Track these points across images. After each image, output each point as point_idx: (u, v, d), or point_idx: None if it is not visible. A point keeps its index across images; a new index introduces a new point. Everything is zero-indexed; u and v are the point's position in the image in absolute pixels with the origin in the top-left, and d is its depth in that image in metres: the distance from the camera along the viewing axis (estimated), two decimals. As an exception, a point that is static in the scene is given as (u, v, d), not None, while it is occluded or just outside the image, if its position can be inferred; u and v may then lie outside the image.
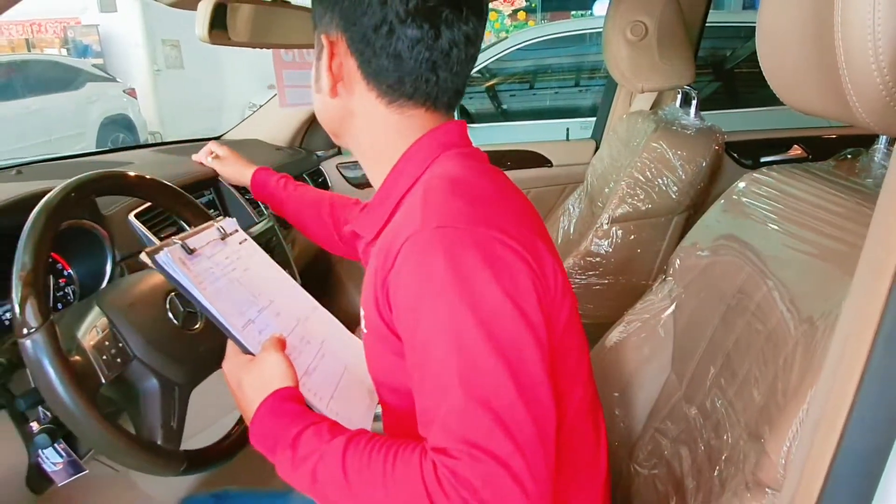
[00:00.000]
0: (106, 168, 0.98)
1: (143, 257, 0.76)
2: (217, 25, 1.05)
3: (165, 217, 1.22)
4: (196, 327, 0.94)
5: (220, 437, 0.94)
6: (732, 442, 0.77)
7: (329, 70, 0.72)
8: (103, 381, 0.81)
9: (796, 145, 2.17)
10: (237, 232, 0.94)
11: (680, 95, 1.83)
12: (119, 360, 0.84)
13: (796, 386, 0.66)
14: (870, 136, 0.76)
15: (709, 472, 0.80)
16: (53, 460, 0.88)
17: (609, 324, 1.14)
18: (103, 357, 0.82)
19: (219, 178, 1.38)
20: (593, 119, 2.41)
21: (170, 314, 0.92)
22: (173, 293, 0.94)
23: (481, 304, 0.58)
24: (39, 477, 0.91)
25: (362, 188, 2.12)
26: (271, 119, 2.04)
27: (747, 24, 3.82)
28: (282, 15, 1.17)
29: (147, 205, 1.19)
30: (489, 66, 4.16)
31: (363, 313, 0.72)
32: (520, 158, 2.22)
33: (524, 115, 4.48)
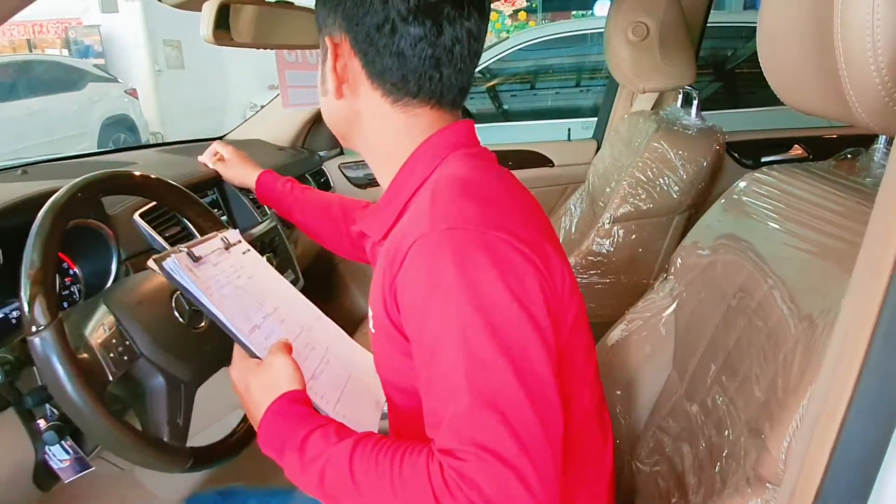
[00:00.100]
0: (110, 168, 0.99)
1: (150, 264, 0.77)
2: (221, 26, 1.06)
3: (170, 217, 1.22)
4: (201, 326, 0.94)
5: (226, 434, 0.94)
6: (733, 438, 0.77)
7: (334, 71, 0.73)
8: (110, 378, 0.82)
9: (797, 145, 2.18)
10: (240, 242, 0.95)
11: (681, 96, 1.84)
12: (126, 358, 0.85)
13: (796, 382, 0.67)
14: (870, 135, 0.77)
15: (710, 469, 0.80)
16: (60, 457, 0.88)
17: (611, 322, 1.14)
18: (110, 355, 0.83)
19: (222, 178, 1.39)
20: (594, 119, 2.41)
21: (176, 313, 0.93)
22: (179, 292, 0.95)
23: (489, 306, 0.58)
24: (46, 474, 0.92)
25: (364, 188, 2.13)
26: (274, 119, 2.04)
27: (748, 25, 3.82)
28: (285, 16, 1.18)
29: (152, 204, 1.19)
30: (490, 66, 4.16)
31: (371, 313, 0.72)
32: (522, 158, 2.23)
33: (525, 115, 4.48)
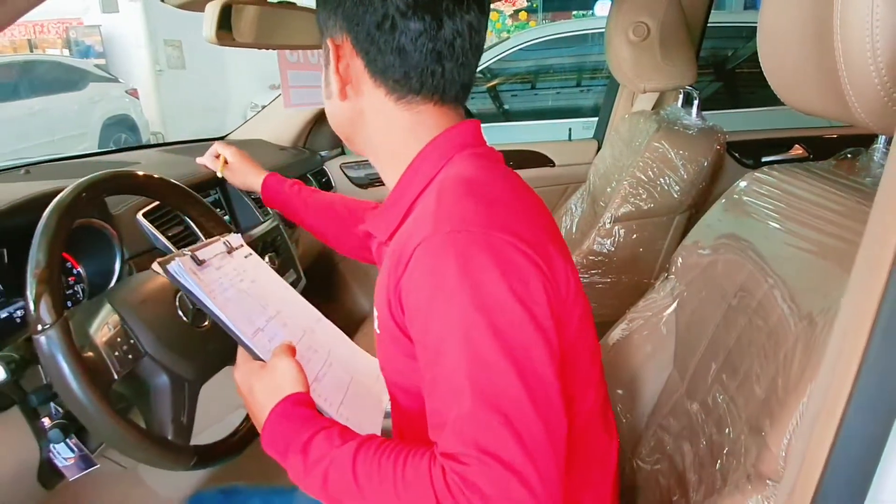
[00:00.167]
0: (113, 168, 1.00)
1: (154, 267, 0.77)
2: (224, 26, 1.06)
3: (173, 216, 1.23)
4: (205, 325, 0.95)
5: (229, 432, 0.95)
6: (734, 436, 0.78)
7: (337, 73, 0.73)
8: (115, 376, 0.83)
9: (797, 145, 2.18)
10: (242, 246, 0.96)
11: (682, 95, 1.84)
12: (130, 357, 0.85)
13: (796, 380, 0.67)
14: (870, 135, 0.77)
15: (710, 466, 0.81)
16: (65, 455, 0.89)
17: (612, 322, 1.15)
18: (115, 353, 0.83)
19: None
20: (595, 119, 2.42)
21: (179, 312, 0.93)
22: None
23: (492, 308, 0.58)
24: (51, 472, 0.92)
25: (366, 188, 2.14)
26: (275, 119, 2.05)
27: (748, 25, 3.82)
28: (287, 16, 1.18)
29: (155, 204, 1.20)
30: (491, 66, 4.17)
31: (376, 314, 0.72)
32: (522, 158, 2.23)
33: (526, 115, 4.49)
